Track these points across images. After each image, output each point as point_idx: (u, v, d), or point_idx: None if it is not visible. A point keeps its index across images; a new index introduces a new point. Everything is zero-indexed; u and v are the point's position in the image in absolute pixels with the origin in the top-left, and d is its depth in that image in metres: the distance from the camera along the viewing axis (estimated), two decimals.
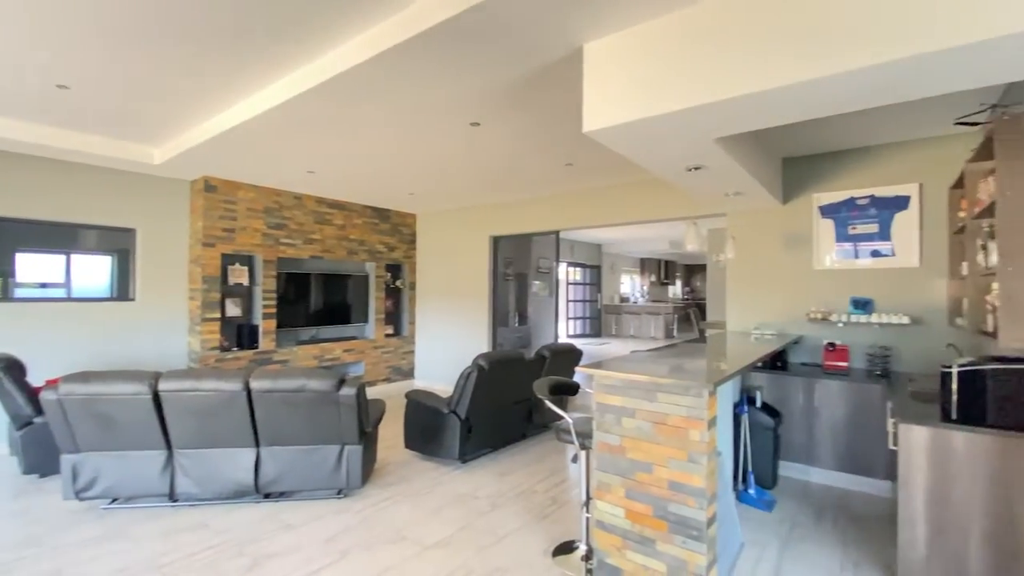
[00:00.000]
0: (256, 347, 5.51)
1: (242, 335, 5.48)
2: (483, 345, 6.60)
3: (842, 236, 3.97)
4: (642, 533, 2.17)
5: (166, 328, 5.14)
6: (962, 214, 3.03)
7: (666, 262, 17.19)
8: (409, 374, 7.35)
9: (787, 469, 3.84)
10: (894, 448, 2.46)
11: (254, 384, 3.09)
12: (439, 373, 7.09)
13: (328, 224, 6.26)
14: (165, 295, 5.14)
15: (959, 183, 3.13)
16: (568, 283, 12.96)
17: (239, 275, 5.44)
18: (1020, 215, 2.17)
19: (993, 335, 2.40)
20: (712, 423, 2.08)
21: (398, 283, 7.28)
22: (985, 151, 2.53)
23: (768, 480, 3.57)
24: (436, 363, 7.15)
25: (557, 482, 3.70)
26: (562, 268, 12.73)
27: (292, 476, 3.27)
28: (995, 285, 2.33)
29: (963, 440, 2.28)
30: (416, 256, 7.47)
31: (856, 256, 3.91)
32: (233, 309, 5.41)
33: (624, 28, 2.29)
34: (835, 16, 1.79)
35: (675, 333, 13.51)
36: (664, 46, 2.18)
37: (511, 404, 4.43)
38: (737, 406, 3.51)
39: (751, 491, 3.38)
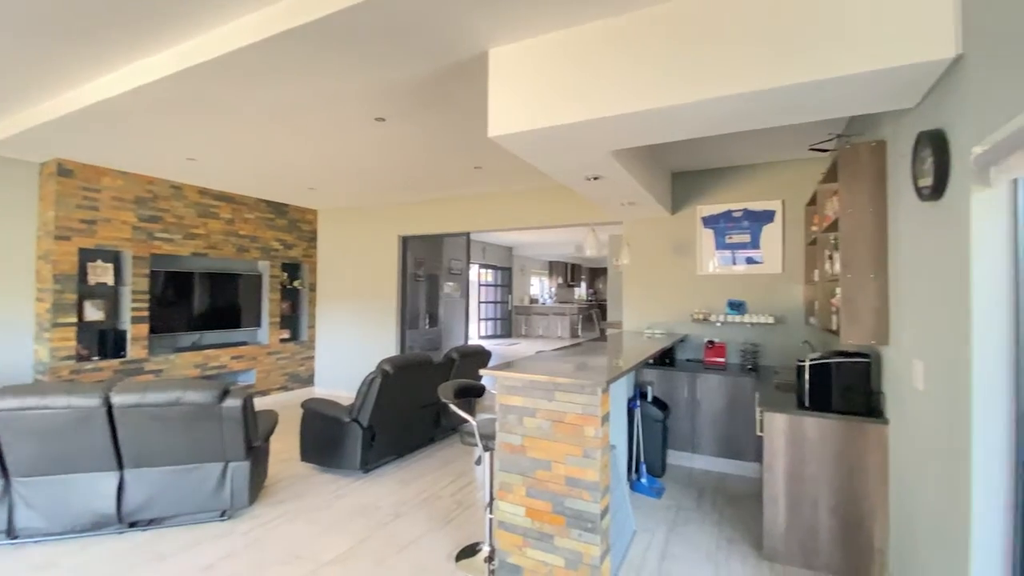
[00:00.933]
0: (123, 355, 4.85)
1: (105, 342, 4.79)
2: (391, 349, 6.40)
3: (721, 244, 4.41)
4: (541, 530, 2.23)
5: (5, 335, 4.34)
6: (814, 228, 3.50)
7: (572, 265, 17.94)
8: (309, 381, 6.92)
9: (675, 457, 4.17)
10: (761, 434, 2.77)
11: (117, 399, 2.72)
12: (342, 380, 6.75)
13: (214, 218, 5.69)
14: (3, 296, 4.33)
15: (812, 201, 3.62)
16: (480, 285, 13.03)
17: (102, 273, 4.75)
18: (857, 230, 2.56)
19: (836, 333, 2.80)
20: (605, 419, 2.19)
21: (296, 284, 6.82)
22: (832, 174, 2.94)
23: (658, 469, 3.85)
24: (339, 369, 6.80)
25: (463, 485, 3.69)
26: (474, 270, 12.77)
27: (165, 500, 2.91)
28: (838, 290, 2.72)
29: (813, 425, 2.64)
30: (317, 255, 7.05)
31: (732, 263, 4.37)
32: (94, 312, 4.71)
33: (528, 38, 2.34)
34: (711, 49, 1.98)
35: (580, 333, 14.15)
36: (566, 59, 2.27)
37: (418, 409, 4.34)
38: (631, 401, 3.74)
39: (643, 480, 3.63)
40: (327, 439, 3.85)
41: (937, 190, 1.81)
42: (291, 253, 6.65)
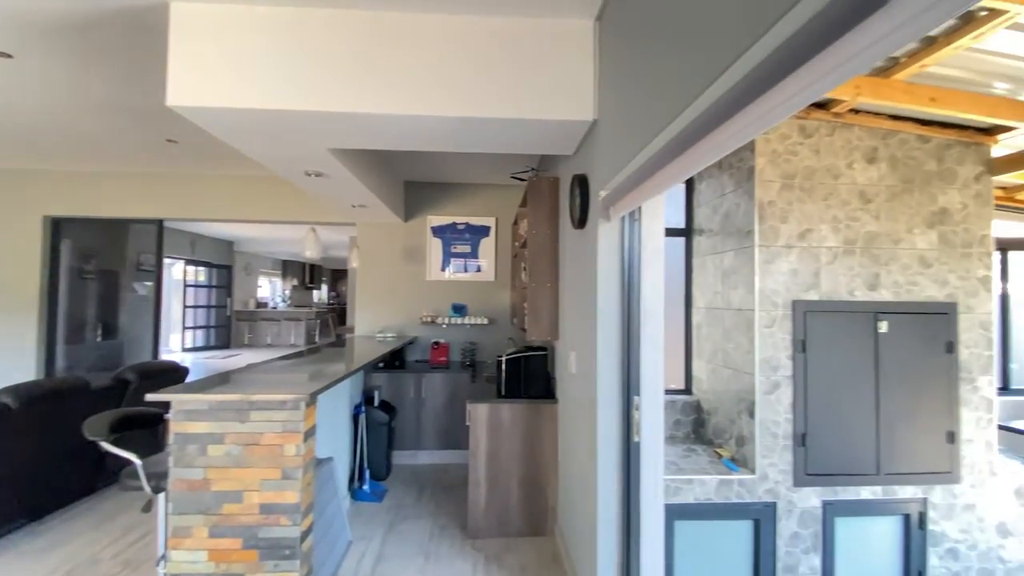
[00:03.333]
0: None
1: None
2: (28, 372, 4.66)
3: (447, 253, 4.76)
4: (229, 571, 1.94)
5: None
6: (516, 244, 4.12)
7: (312, 265, 16.66)
8: None
9: (401, 457, 4.28)
10: (468, 424, 3.08)
11: None
12: None
13: None
14: None
15: (516, 221, 4.25)
16: (187, 285, 10.77)
17: None
18: (540, 248, 3.10)
19: (526, 331, 3.34)
20: (310, 434, 2.06)
21: None
22: (525, 200, 3.51)
23: (383, 472, 3.88)
24: None
25: (133, 541, 2.93)
26: (178, 267, 10.48)
27: None
28: (528, 296, 3.25)
29: (508, 410, 3.08)
30: None
31: (456, 270, 4.77)
32: None
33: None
34: (426, 71, 2.10)
35: (317, 339, 13.22)
36: (275, 35, 2.06)
37: (67, 452, 3.26)
38: (357, 407, 3.67)
39: (366, 487, 3.59)
40: None
41: (582, 221, 2.34)
42: None
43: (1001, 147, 2.70)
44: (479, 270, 4.78)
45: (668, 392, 3.16)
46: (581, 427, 2.41)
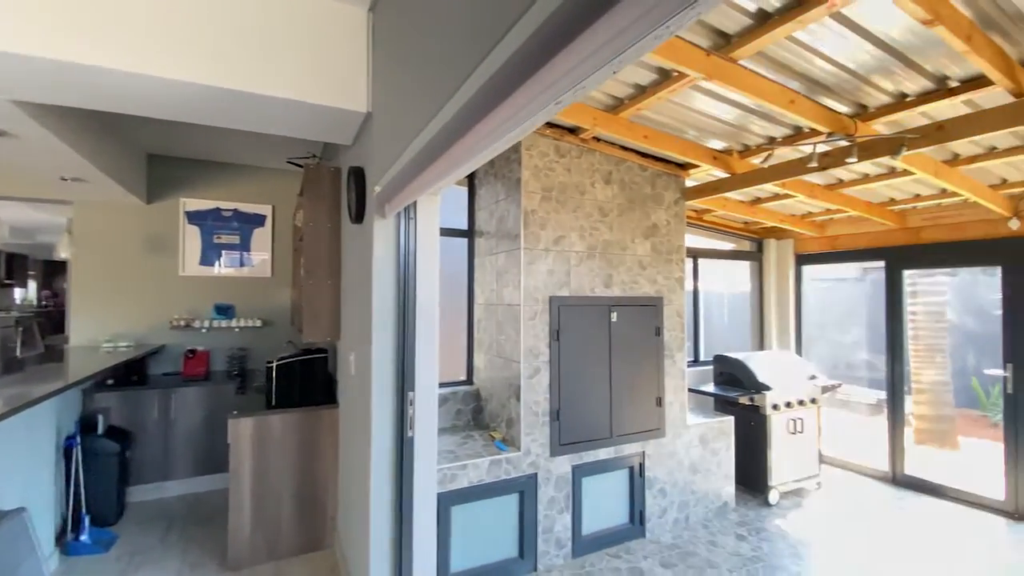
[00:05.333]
0: None
1: None
2: None
3: (208, 244, 4.08)
4: None
5: None
6: (297, 237, 3.77)
7: (11, 255, 12.39)
8: None
9: (142, 493, 3.50)
10: (229, 443, 2.70)
11: None
12: None
13: None
14: None
15: (297, 210, 3.89)
16: None
17: None
18: (316, 240, 2.90)
19: (303, 331, 3.09)
20: None
21: None
22: (303, 189, 3.24)
23: (111, 514, 3.12)
24: None
25: None
26: None
27: None
28: (305, 294, 3.00)
29: (278, 422, 2.79)
30: None
31: (221, 264, 4.12)
32: None
33: None
34: (147, 20, 1.74)
35: (19, 352, 9.89)
36: None
37: None
38: (69, 439, 2.87)
39: (84, 537, 2.83)
40: None
41: (359, 215, 2.28)
42: None
43: (691, 179, 3.60)
44: (252, 264, 4.23)
45: (451, 384, 3.30)
46: (359, 429, 2.34)
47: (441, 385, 3.24)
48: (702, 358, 4.64)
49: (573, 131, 2.95)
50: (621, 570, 2.80)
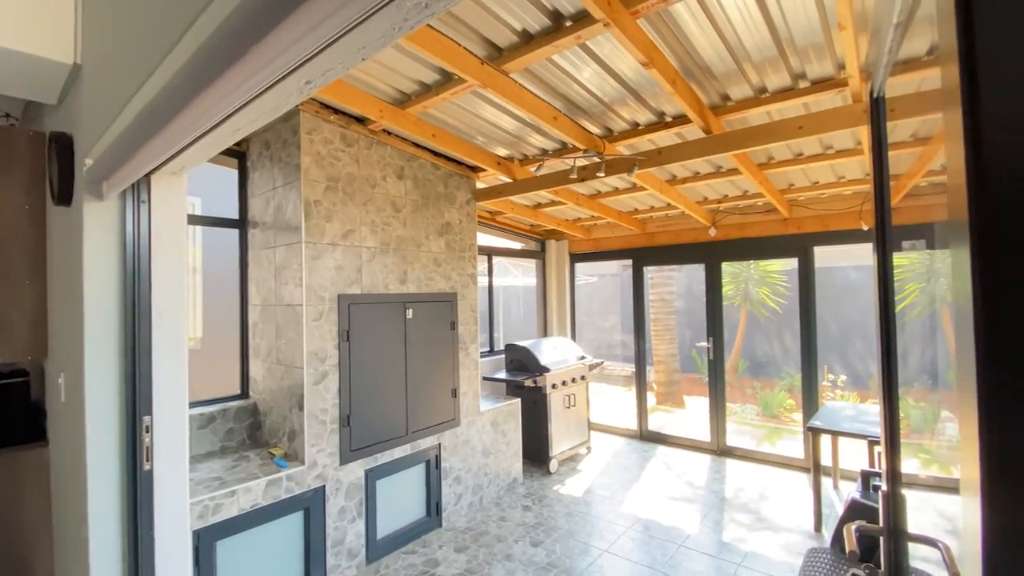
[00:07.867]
0: None
1: None
2: None
3: None
4: None
5: None
6: None
7: None
8: None
9: None
10: None
11: None
12: None
13: None
14: None
15: None
16: None
17: None
18: (10, 229, 2.16)
19: None
20: None
21: None
22: None
23: None
24: None
25: None
26: None
27: None
28: None
29: None
30: None
31: None
32: None
33: None
34: None
35: None
36: None
37: None
38: None
39: None
40: None
41: (65, 196, 1.77)
42: None
43: (482, 182, 3.80)
44: None
45: (219, 400, 2.85)
46: (72, 468, 1.83)
47: (206, 402, 2.79)
48: (497, 348, 4.97)
49: (361, 120, 2.82)
50: (416, 565, 2.81)
